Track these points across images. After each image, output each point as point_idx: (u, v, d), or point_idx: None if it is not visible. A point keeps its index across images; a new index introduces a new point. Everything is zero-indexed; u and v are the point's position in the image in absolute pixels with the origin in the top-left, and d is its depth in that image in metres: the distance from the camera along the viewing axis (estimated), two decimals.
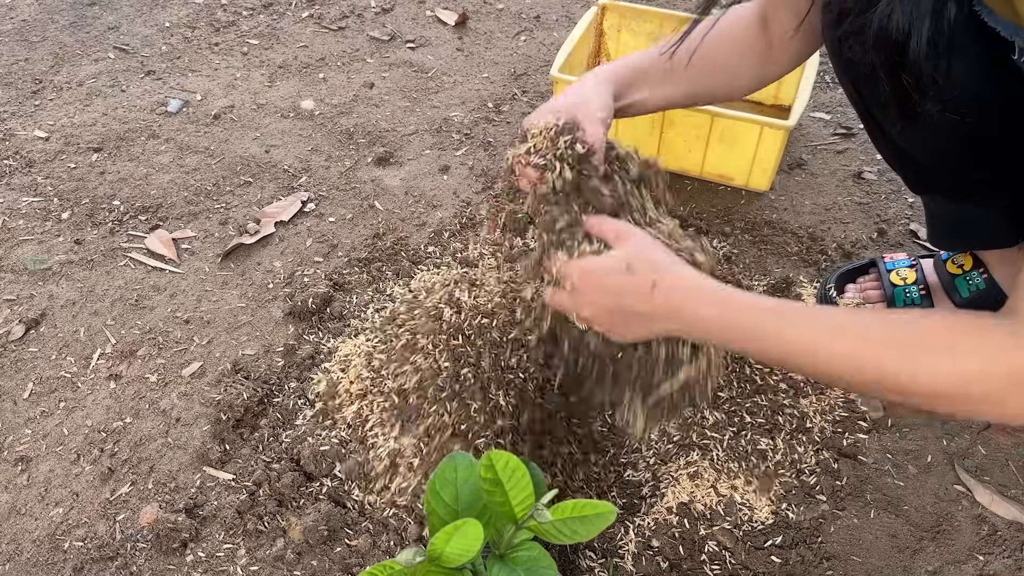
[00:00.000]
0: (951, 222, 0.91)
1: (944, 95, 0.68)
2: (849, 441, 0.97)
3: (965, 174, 0.72)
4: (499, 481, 0.64)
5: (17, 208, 1.32)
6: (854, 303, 1.05)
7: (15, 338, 1.11)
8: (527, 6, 1.87)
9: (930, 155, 0.80)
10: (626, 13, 1.48)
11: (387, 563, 0.62)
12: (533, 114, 0.87)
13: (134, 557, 0.87)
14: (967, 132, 0.72)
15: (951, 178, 0.81)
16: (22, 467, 0.96)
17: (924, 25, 0.59)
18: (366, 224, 1.29)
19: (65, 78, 1.62)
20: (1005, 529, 0.89)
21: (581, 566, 0.84)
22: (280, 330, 1.12)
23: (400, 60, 1.69)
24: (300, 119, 1.53)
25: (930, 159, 0.81)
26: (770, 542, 0.87)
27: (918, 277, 1.04)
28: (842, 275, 1.09)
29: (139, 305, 1.16)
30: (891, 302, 1.04)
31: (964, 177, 0.75)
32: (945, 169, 0.79)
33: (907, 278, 1.04)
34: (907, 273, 1.04)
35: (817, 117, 1.51)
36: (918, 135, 0.78)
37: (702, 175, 1.35)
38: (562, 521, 0.64)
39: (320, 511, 0.87)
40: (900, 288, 1.04)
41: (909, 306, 1.03)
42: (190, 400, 1.03)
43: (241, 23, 1.81)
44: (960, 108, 0.70)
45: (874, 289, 1.07)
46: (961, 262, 1.02)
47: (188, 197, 1.35)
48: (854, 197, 1.33)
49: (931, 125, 0.72)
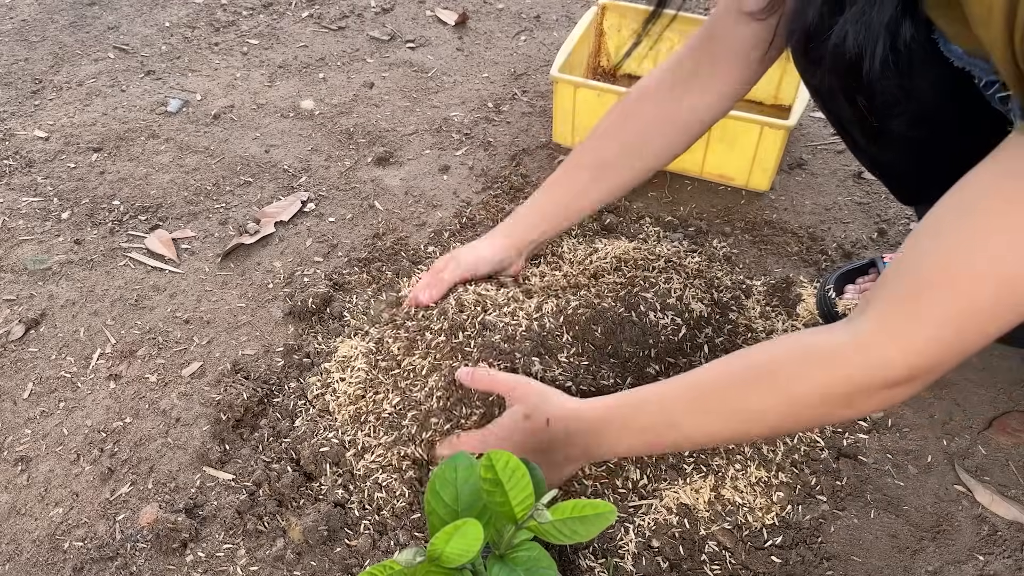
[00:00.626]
0: None
1: (908, 112, 0.68)
2: (849, 441, 0.97)
3: (944, 186, 0.72)
4: (499, 481, 0.64)
5: (17, 208, 1.32)
6: (853, 304, 1.05)
7: (15, 338, 1.11)
8: (527, 6, 1.87)
9: (907, 167, 0.81)
10: (626, 13, 1.48)
11: (387, 563, 0.62)
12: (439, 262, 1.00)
13: (134, 557, 0.87)
14: (939, 146, 0.73)
15: (932, 190, 0.81)
16: (22, 467, 0.96)
17: (877, 47, 0.59)
18: (366, 224, 1.29)
19: (65, 78, 1.62)
20: (1005, 529, 0.89)
21: (581, 566, 0.84)
22: (280, 330, 1.12)
23: (400, 60, 1.69)
24: (300, 119, 1.53)
25: (908, 170, 0.81)
26: (770, 542, 0.87)
27: None
28: (841, 276, 1.09)
29: (139, 305, 1.16)
30: None
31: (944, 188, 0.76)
32: (925, 181, 0.79)
33: None
34: None
35: (817, 117, 1.51)
36: (890, 151, 0.79)
37: (702, 175, 1.35)
38: (562, 521, 0.64)
39: (320, 511, 0.87)
40: None
41: None
42: (190, 400, 1.03)
43: (241, 23, 1.81)
44: (926, 124, 0.70)
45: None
46: None
47: (188, 197, 1.35)
48: (854, 197, 1.33)
49: (901, 141, 0.72)
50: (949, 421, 1.00)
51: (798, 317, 1.10)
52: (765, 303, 1.11)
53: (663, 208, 1.31)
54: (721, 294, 1.06)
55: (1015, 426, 0.99)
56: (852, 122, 0.77)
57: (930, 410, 1.01)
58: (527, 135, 1.47)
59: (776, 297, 1.12)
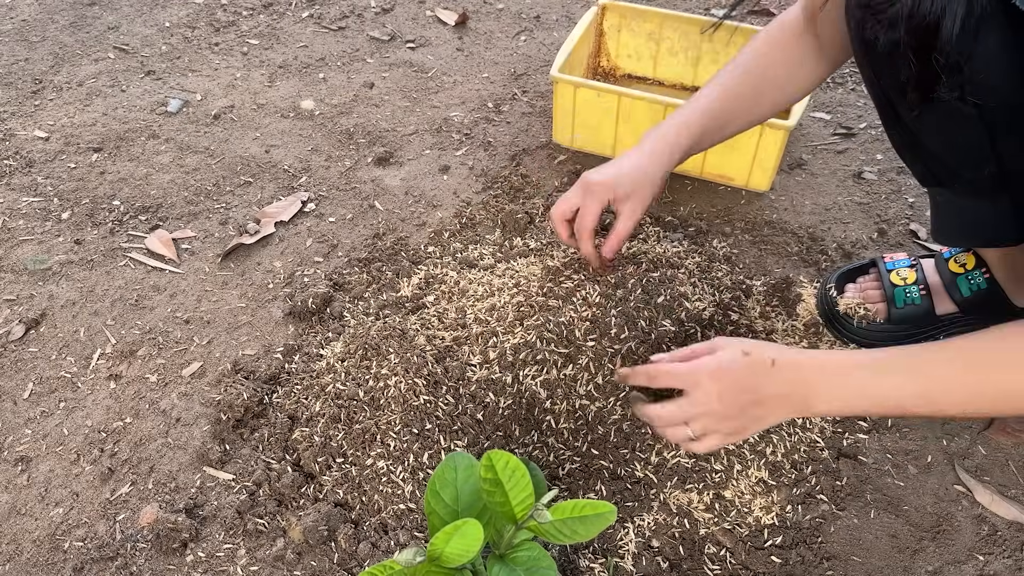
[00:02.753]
0: (957, 217, 0.91)
1: (965, 81, 0.67)
2: (849, 441, 0.97)
3: (978, 167, 0.71)
4: (499, 481, 0.64)
5: (17, 208, 1.32)
6: (854, 303, 1.05)
7: (15, 338, 1.11)
8: (527, 6, 1.87)
9: (944, 144, 0.80)
10: (626, 13, 1.48)
11: (387, 563, 0.62)
12: (571, 191, 0.94)
13: (134, 557, 0.87)
14: (984, 121, 0.72)
15: (963, 170, 0.80)
16: (22, 467, 0.96)
17: (958, 6, 0.59)
18: (366, 224, 1.29)
19: (65, 78, 1.62)
20: (1005, 529, 0.89)
21: (581, 566, 0.84)
22: (280, 330, 1.12)
23: (400, 60, 1.69)
24: (300, 119, 1.53)
25: (943, 149, 0.80)
26: (770, 542, 0.87)
27: (918, 277, 1.04)
28: (842, 275, 1.09)
29: (139, 305, 1.16)
30: (891, 302, 1.04)
31: (976, 170, 0.75)
32: (958, 160, 0.79)
33: (907, 278, 1.04)
34: (907, 273, 1.04)
35: (817, 117, 1.51)
36: (933, 122, 0.77)
37: (702, 175, 1.35)
38: (562, 521, 0.65)
39: (320, 511, 0.87)
40: (900, 288, 1.04)
41: (909, 306, 1.03)
42: (190, 400, 1.03)
43: (241, 23, 1.81)
44: (980, 96, 0.69)
45: (874, 289, 1.07)
46: (963, 261, 1.02)
47: (188, 197, 1.35)
48: (854, 197, 1.33)
49: (948, 112, 0.71)
50: (949, 421, 1.00)
51: (798, 317, 1.10)
52: (765, 303, 1.11)
53: (663, 208, 1.31)
54: (721, 294, 1.06)
55: (1015, 426, 0.99)
56: (903, 88, 0.76)
57: None
58: (527, 135, 1.47)
59: (776, 297, 1.12)
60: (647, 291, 0.97)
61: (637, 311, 0.94)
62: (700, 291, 1.03)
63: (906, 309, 1.03)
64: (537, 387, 0.92)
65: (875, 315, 1.04)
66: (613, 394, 0.92)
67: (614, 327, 0.93)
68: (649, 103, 1.26)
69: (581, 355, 0.92)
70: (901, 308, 1.03)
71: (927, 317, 1.03)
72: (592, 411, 0.92)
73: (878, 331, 1.04)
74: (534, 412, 0.92)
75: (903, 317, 1.03)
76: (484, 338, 0.97)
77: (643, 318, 0.94)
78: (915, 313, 1.03)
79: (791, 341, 1.07)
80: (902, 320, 1.03)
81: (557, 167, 1.39)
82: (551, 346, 0.92)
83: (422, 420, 0.90)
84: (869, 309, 1.04)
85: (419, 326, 1.02)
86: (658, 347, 0.94)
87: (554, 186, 1.34)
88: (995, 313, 0.94)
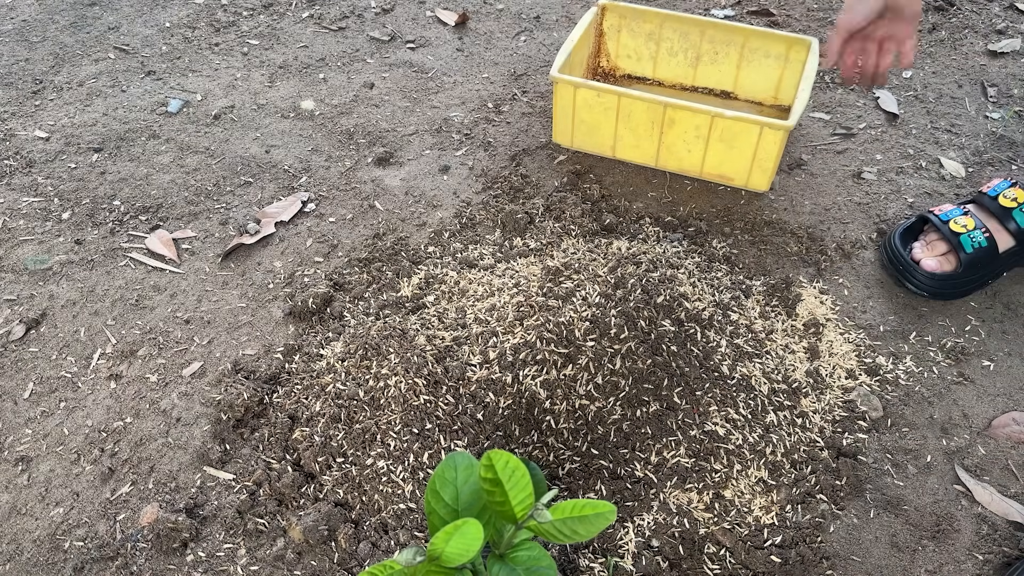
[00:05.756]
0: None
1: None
2: (849, 441, 0.97)
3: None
4: (499, 481, 0.64)
5: (17, 208, 1.32)
6: (924, 252, 1.12)
7: (15, 338, 1.11)
8: (527, 6, 1.87)
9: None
10: (626, 13, 1.48)
11: (387, 563, 0.62)
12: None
13: (134, 557, 0.87)
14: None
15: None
16: (22, 467, 0.97)
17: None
18: (366, 224, 1.30)
19: (65, 78, 1.63)
20: (1005, 529, 0.90)
21: (581, 566, 0.84)
22: (280, 330, 1.12)
23: (400, 60, 1.69)
24: (300, 119, 1.53)
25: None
26: (770, 542, 0.87)
27: (976, 222, 1.10)
28: (903, 234, 1.16)
29: (139, 305, 1.16)
30: (960, 249, 1.10)
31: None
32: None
33: (967, 224, 1.10)
34: (965, 220, 1.11)
35: (817, 117, 1.51)
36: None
37: (702, 175, 1.35)
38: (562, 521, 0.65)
39: (320, 511, 0.87)
40: (965, 235, 1.10)
41: (978, 249, 1.09)
42: (190, 400, 1.03)
43: (241, 23, 1.81)
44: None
45: (939, 240, 1.13)
46: (1014, 195, 1.10)
47: (188, 197, 1.35)
48: (854, 197, 1.33)
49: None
50: (949, 421, 1.00)
51: (798, 317, 1.10)
52: (765, 303, 1.11)
53: (663, 208, 1.31)
54: (721, 294, 1.06)
55: (1015, 426, 0.99)
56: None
57: (930, 410, 1.01)
58: (527, 135, 1.47)
59: (776, 297, 1.13)
60: (647, 291, 0.97)
61: (637, 311, 0.95)
62: (700, 291, 1.03)
63: (975, 253, 1.09)
64: (537, 387, 0.92)
65: (942, 266, 1.11)
66: (613, 394, 0.92)
67: (614, 327, 0.93)
68: (649, 103, 1.27)
69: (581, 355, 0.92)
70: (971, 253, 1.09)
71: (992, 257, 1.10)
72: (592, 411, 0.92)
73: (949, 278, 1.11)
74: (534, 412, 0.93)
75: (972, 262, 1.09)
76: (484, 338, 0.97)
77: (643, 318, 0.94)
78: (983, 256, 1.09)
79: (791, 342, 1.07)
80: (971, 265, 1.10)
81: (557, 167, 1.39)
82: (551, 346, 0.92)
83: (422, 420, 0.90)
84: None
85: (419, 326, 1.02)
86: (658, 347, 0.94)
87: (554, 186, 1.34)
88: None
